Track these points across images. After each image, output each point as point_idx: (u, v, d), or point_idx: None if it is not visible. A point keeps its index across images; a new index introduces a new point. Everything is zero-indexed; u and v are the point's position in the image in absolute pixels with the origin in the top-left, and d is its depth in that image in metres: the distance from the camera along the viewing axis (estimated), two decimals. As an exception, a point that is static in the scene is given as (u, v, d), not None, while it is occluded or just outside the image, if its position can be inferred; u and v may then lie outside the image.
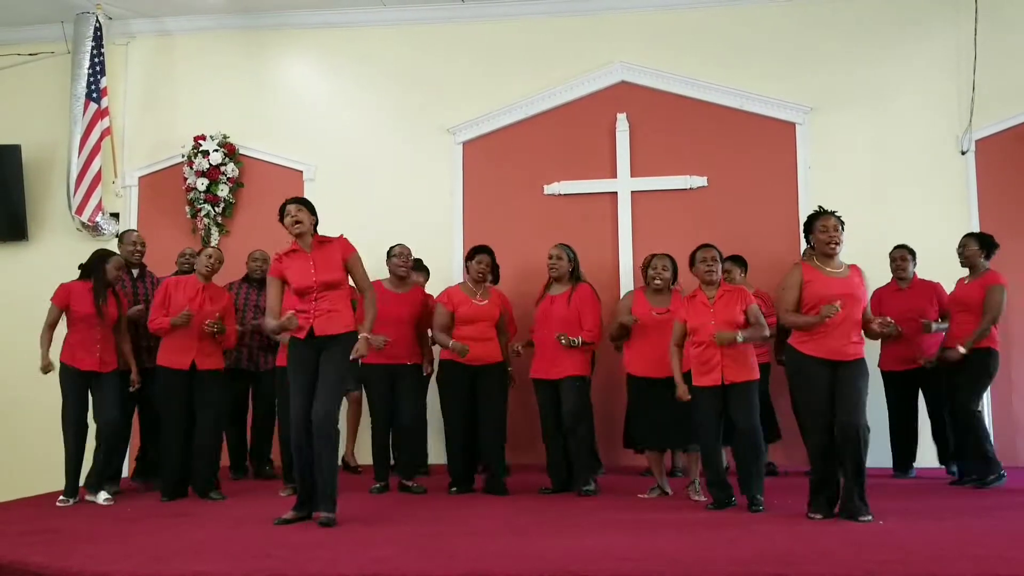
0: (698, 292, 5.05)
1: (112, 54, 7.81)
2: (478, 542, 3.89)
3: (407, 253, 5.94)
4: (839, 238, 4.58)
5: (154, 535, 4.25)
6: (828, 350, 4.45)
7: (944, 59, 7.07)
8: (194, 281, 5.62)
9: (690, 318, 4.98)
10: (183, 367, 5.46)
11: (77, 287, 5.58)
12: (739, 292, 5.01)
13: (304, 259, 4.59)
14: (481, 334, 5.62)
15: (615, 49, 7.41)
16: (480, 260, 5.76)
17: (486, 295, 5.73)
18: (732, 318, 4.88)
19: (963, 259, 5.78)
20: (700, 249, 5.07)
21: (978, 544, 3.70)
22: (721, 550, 3.66)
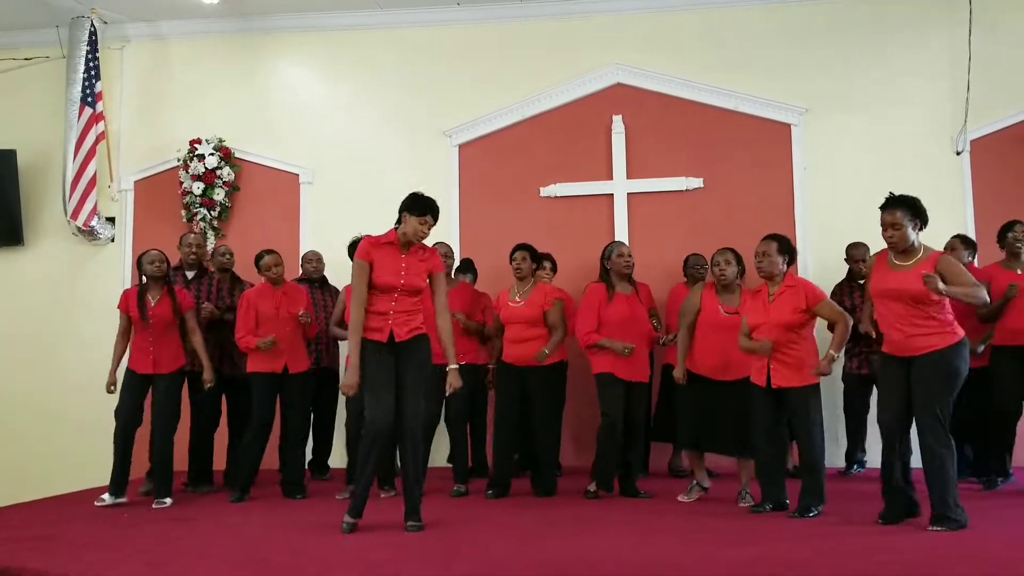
0: (762, 287, 4.84)
1: (107, 58, 7.80)
2: (483, 547, 3.88)
3: (445, 251, 5.96)
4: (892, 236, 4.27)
5: (152, 540, 4.24)
6: (895, 346, 4.25)
7: (938, 60, 7.09)
8: (269, 288, 5.72)
9: (750, 316, 4.79)
10: (276, 371, 5.59)
11: (130, 291, 5.65)
12: (802, 287, 4.72)
13: (396, 257, 4.45)
14: (519, 335, 5.57)
15: (611, 51, 7.41)
16: (516, 257, 5.72)
17: (527, 295, 5.66)
18: (788, 320, 4.63)
19: (1016, 245, 5.59)
20: (760, 243, 4.84)
21: (979, 546, 3.70)
22: (724, 552, 3.66)
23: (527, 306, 5.61)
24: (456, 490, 5.62)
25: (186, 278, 6.10)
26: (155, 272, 5.52)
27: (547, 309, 5.58)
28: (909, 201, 4.29)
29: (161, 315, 5.49)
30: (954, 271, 4.18)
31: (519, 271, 5.70)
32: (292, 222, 7.52)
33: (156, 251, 5.63)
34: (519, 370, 5.57)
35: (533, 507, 5.13)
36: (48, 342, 7.58)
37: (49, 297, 7.62)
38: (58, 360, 7.57)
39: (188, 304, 5.64)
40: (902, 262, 4.26)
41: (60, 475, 6.55)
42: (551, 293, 5.69)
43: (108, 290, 7.21)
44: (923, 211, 4.30)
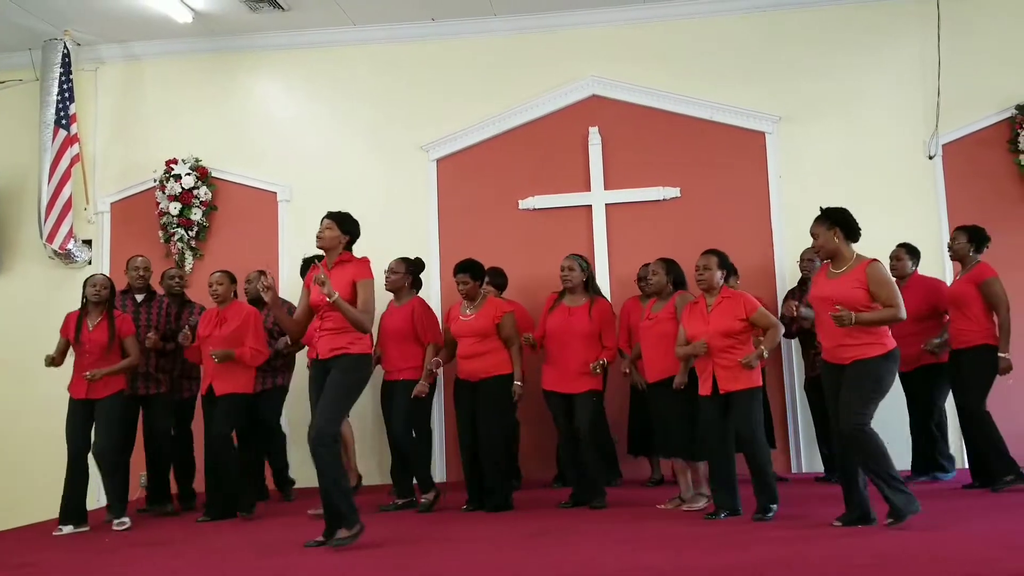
0: (699, 299, 5.02)
1: (81, 80, 7.77)
2: (466, 560, 3.87)
3: (392, 267, 5.91)
4: (815, 244, 4.51)
5: (131, 565, 4.21)
6: (828, 353, 4.43)
7: (909, 66, 7.17)
8: (212, 309, 5.74)
9: (688, 325, 4.96)
10: (206, 392, 5.62)
11: (71, 314, 5.62)
12: (737, 299, 4.91)
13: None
14: (470, 350, 5.58)
15: (586, 64, 7.46)
16: (457, 280, 5.71)
17: (476, 309, 5.67)
18: (728, 327, 4.80)
19: (952, 253, 5.77)
20: (700, 256, 5.03)
21: (956, 547, 3.72)
22: (703, 559, 3.66)
23: (477, 318, 5.62)
24: (393, 504, 5.70)
25: (135, 301, 6.05)
26: (93, 297, 5.51)
27: (498, 321, 5.59)
28: (833, 213, 4.47)
29: (97, 340, 5.46)
30: (880, 281, 4.32)
31: (462, 291, 5.68)
32: (271, 240, 7.49)
33: (101, 275, 5.67)
34: (472, 385, 5.58)
35: (516, 520, 5.12)
36: (25, 366, 7.49)
37: (26, 321, 7.54)
38: (34, 384, 7.47)
39: (128, 330, 5.60)
40: (836, 269, 4.44)
41: (37, 501, 6.45)
42: (502, 306, 5.72)
43: (85, 313, 7.16)
44: (849, 222, 4.45)
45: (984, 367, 5.47)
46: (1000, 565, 3.31)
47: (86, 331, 5.48)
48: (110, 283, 5.62)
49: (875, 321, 4.25)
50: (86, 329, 5.49)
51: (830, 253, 4.44)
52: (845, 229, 4.43)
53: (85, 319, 5.51)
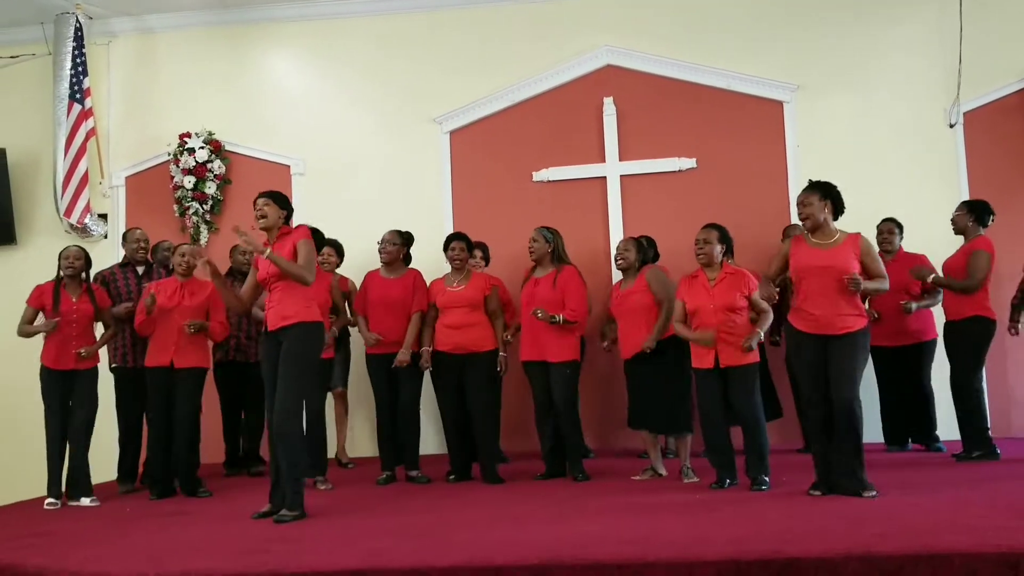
0: (699, 273, 5.01)
1: (94, 54, 7.76)
2: (474, 531, 3.88)
3: (388, 238, 5.88)
4: (804, 212, 4.54)
5: (150, 534, 4.24)
6: (816, 324, 4.44)
7: (930, 33, 7.06)
8: (173, 280, 5.65)
9: (689, 299, 4.96)
10: (163, 365, 5.49)
11: (44, 286, 5.59)
12: (741, 276, 4.92)
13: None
14: (459, 321, 5.60)
15: (600, 33, 7.38)
16: (453, 247, 5.76)
17: (464, 281, 5.69)
18: (731, 302, 4.82)
19: (954, 227, 5.81)
20: (700, 230, 5.05)
21: (974, 516, 3.70)
22: (718, 530, 3.66)
23: (468, 289, 5.66)
24: (420, 477, 5.69)
25: (136, 273, 6.04)
26: (68, 270, 5.49)
27: (488, 293, 5.67)
28: (827, 187, 4.55)
29: (84, 311, 5.49)
30: (871, 254, 4.53)
31: (457, 260, 5.72)
32: (284, 214, 7.48)
33: (75, 247, 5.62)
34: (458, 358, 5.59)
35: (524, 492, 5.14)
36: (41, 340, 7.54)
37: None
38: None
39: (105, 301, 5.67)
40: (820, 240, 4.51)
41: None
42: (489, 280, 5.80)
43: (102, 287, 7.18)
44: (839, 199, 4.55)
45: (975, 338, 5.57)
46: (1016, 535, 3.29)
47: (68, 302, 5.47)
48: (84, 253, 5.60)
49: (874, 290, 4.50)
50: (68, 300, 5.48)
51: (816, 224, 4.52)
52: (836, 204, 4.54)
53: (63, 291, 5.50)
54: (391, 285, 5.79)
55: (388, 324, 5.69)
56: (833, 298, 4.39)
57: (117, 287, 5.94)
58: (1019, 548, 3.08)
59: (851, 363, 4.37)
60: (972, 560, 3.06)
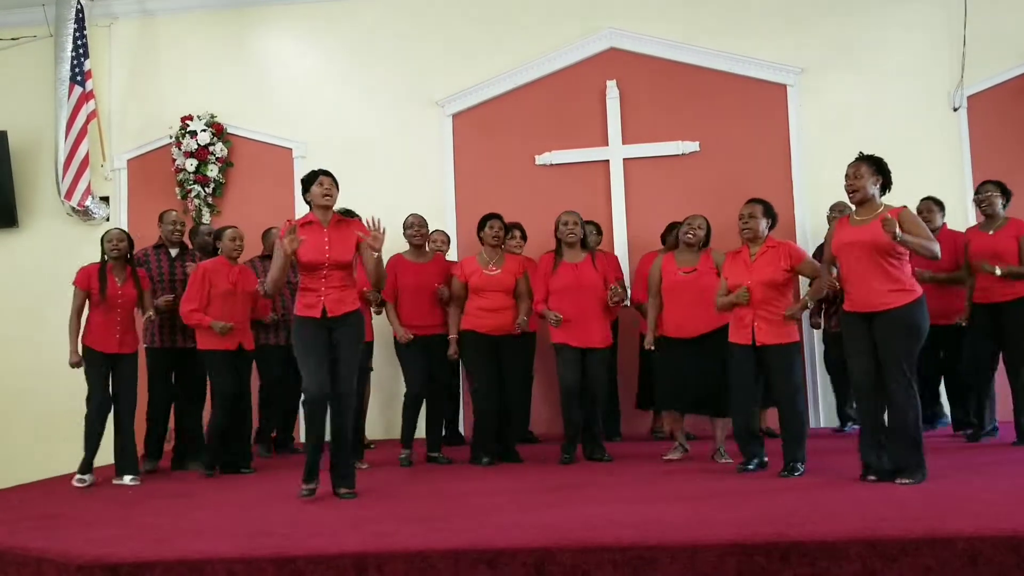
0: (743, 248, 4.90)
1: (95, 36, 7.73)
2: (481, 515, 3.89)
3: (418, 222, 5.86)
4: (854, 184, 4.37)
5: (155, 517, 4.25)
6: (856, 302, 4.31)
7: (934, 16, 7.02)
8: (226, 264, 5.63)
9: (730, 275, 4.87)
10: (231, 348, 5.53)
11: (90, 268, 5.56)
12: (784, 248, 4.79)
13: (319, 234, 4.49)
14: (494, 304, 5.58)
15: (604, 15, 7.34)
16: (492, 225, 5.71)
17: (500, 263, 5.66)
18: (771, 277, 4.70)
19: (985, 206, 5.59)
20: (744, 205, 4.92)
21: (978, 500, 3.70)
22: (722, 513, 3.66)
23: (504, 274, 5.62)
24: (429, 456, 5.70)
25: (170, 256, 6.03)
26: (113, 252, 5.49)
27: (520, 276, 5.64)
28: (875, 159, 4.41)
29: (129, 296, 5.50)
30: (915, 222, 4.28)
31: (496, 239, 5.69)
32: (287, 197, 7.46)
33: (117, 230, 5.62)
34: (494, 340, 5.57)
35: (528, 475, 5.14)
36: (45, 323, 7.56)
37: (45, 278, 7.58)
38: (55, 341, 7.53)
39: (146, 284, 5.65)
40: (862, 217, 4.36)
41: (56, 456, 6.54)
42: (523, 263, 5.76)
43: (104, 270, 7.18)
44: (887, 172, 4.40)
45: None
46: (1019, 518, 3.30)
47: (114, 286, 5.47)
48: (127, 236, 5.61)
49: (918, 245, 4.17)
50: (113, 284, 5.48)
51: (864, 197, 4.35)
52: (886, 181, 4.40)
53: (110, 275, 5.50)
54: (421, 270, 5.76)
55: (425, 308, 5.69)
56: (870, 273, 4.23)
57: (149, 269, 5.89)
58: (1022, 532, 3.08)
59: (894, 341, 4.19)
60: (974, 543, 3.06)
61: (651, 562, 3.13)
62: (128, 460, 5.49)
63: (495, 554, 3.21)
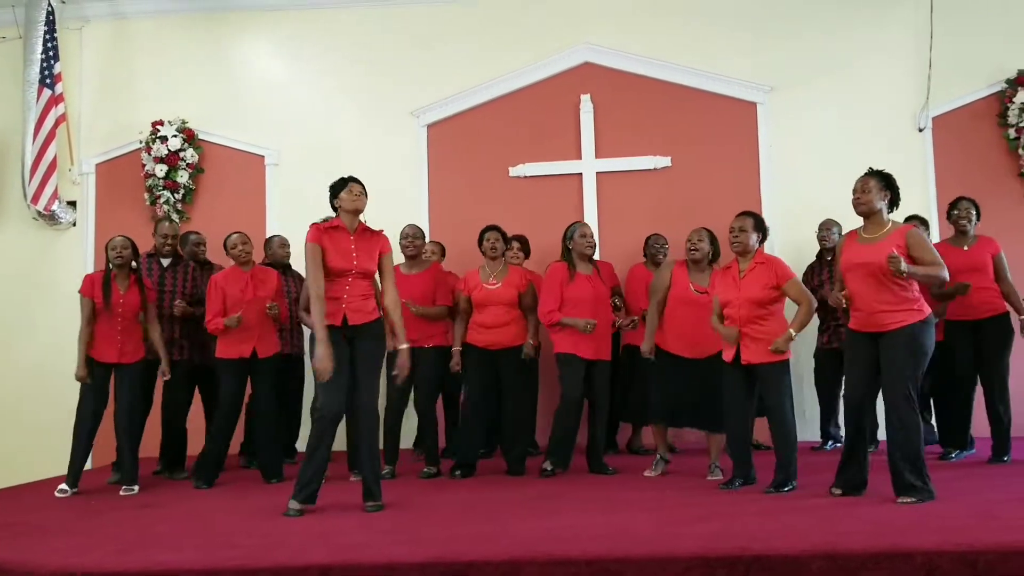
0: (733, 264, 4.85)
1: (66, 39, 7.65)
2: (451, 527, 3.89)
3: (411, 233, 5.86)
4: (861, 199, 4.32)
5: (120, 527, 4.21)
6: (862, 322, 4.28)
7: (902, 39, 7.15)
8: (238, 271, 5.62)
9: (721, 293, 4.81)
10: (244, 355, 5.52)
11: (94, 275, 5.53)
12: (771, 264, 4.73)
13: (346, 240, 4.41)
14: (495, 319, 5.56)
15: (579, 30, 7.40)
16: (488, 237, 5.71)
17: (502, 276, 5.65)
18: (758, 295, 4.65)
19: (963, 222, 5.67)
20: (735, 218, 4.86)
21: (939, 516, 3.76)
22: (689, 527, 3.70)
23: (504, 287, 5.60)
24: (426, 471, 5.60)
25: (162, 266, 6.00)
26: (116, 260, 5.42)
27: (523, 291, 5.59)
28: (884, 175, 4.37)
29: (131, 304, 5.43)
30: (922, 246, 4.25)
31: (494, 251, 5.68)
32: (258, 204, 7.45)
33: (120, 238, 5.51)
34: (492, 354, 5.57)
35: (500, 486, 5.16)
36: (8, 329, 7.46)
37: (10, 283, 7.50)
38: (19, 347, 7.45)
39: (152, 295, 5.60)
40: (870, 235, 4.33)
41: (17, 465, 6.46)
42: (525, 275, 5.72)
43: (70, 275, 7.10)
44: (895, 188, 4.36)
45: (1010, 333, 5.53)
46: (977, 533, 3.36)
47: (117, 295, 5.41)
48: (131, 243, 5.52)
49: (923, 275, 4.17)
50: (116, 293, 5.42)
51: (869, 211, 4.31)
52: (894, 197, 4.36)
53: (113, 283, 5.44)
54: (412, 280, 5.75)
55: (409, 321, 5.59)
56: (877, 293, 4.19)
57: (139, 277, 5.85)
58: (978, 547, 3.15)
59: (898, 360, 4.14)
60: (932, 558, 3.12)
61: (617, 575, 3.16)
62: (124, 471, 5.42)
63: (463, 567, 3.22)
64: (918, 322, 4.18)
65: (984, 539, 3.24)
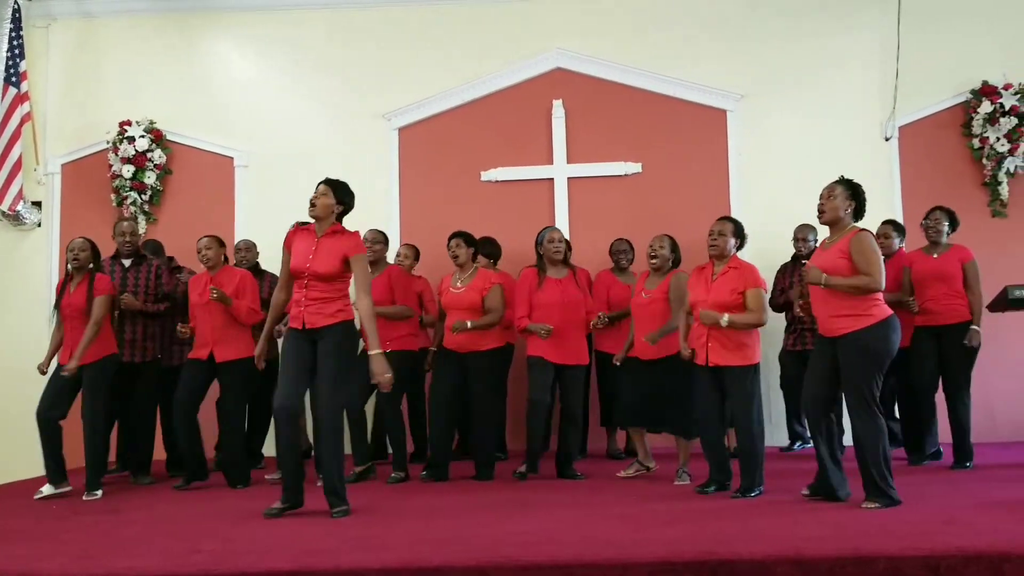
0: (708, 265, 4.91)
1: (32, 37, 7.55)
2: (418, 532, 3.88)
3: (371, 238, 5.85)
4: (826, 205, 4.36)
5: (83, 532, 4.15)
6: (820, 326, 4.36)
7: (869, 49, 7.25)
8: (204, 275, 5.60)
9: (692, 293, 4.87)
10: (201, 358, 5.48)
11: (59, 283, 5.52)
12: (744, 271, 4.77)
13: (310, 241, 4.41)
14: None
15: (551, 36, 7.42)
16: (448, 244, 5.72)
17: (468, 280, 5.63)
18: (725, 300, 4.69)
19: (932, 232, 5.78)
20: (716, 222, 4.91)
21: (902, 521, 3.81)
22: (655, 531, 3.71)
23: (467, 291, 5.59)
24: (393, 477, 5.58)
25: (123, 267, 5.92)
26: (73, 263, 5.37)
27: (485, 294, 5.58)
28: (851, 184, 4.40)
29: (76, 304, 5.34)
30: (861, 251, 4.22)
31: (456, 258, 5.69)
32: (227, 206, 7.39)
33: (80, 240, 5.45)
34: (459, 356, 5.57)
35: (470, 490, 5.15)
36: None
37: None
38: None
39: (103, 289, 5.39)
40: (831, 240, 4.41)
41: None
42: (492, 278, 5.69)
43: (35, 276, 7.03)
44: (862, 197, 4.39)
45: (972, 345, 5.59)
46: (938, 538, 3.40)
47: (67, 296, 5.37)
48: (89, 245, 5.43)
49: (846, 286, 4.19)
50: (67, 294, 5.37)
51: (833, 218, 4.35)
52: (859, 206, 4.38)
53: (68, 285, 5.40)
54: (373, 284, 5.73)
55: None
56: (825, 299, 4.26)
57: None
58: (940, 552, 3.19)
59: (852, 365, 4.20)
60: (895, 563, 3.15)
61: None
62: (89, 475, 5.32)
63: (431, 572, 3.21)
64: (869, 327, 4.18)
65: (946, 544, 3.28)
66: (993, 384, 6.65)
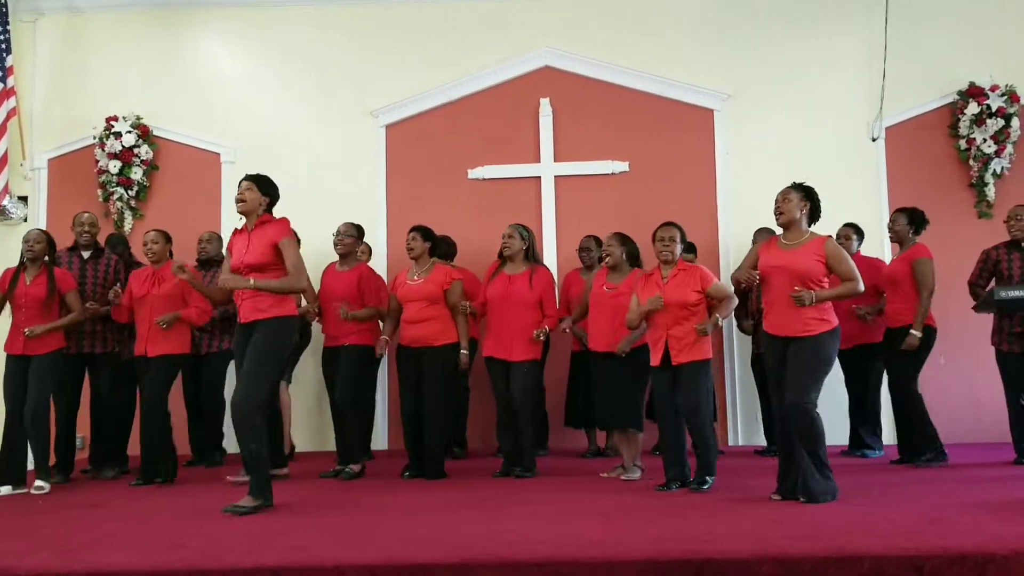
0: (655, 270, 5.00)
1: (19, 32, 7.51)
2: (400, 529, 3.87)
3: (343, 231, 5.85)
4: (782, 208, 4.48)
5: (64, 527, 4.12)
6: (776, 325, 4.43)
7: (857, 49, 7.28)
8: (148, 269, 5.59)
9: (642, 296, 4.93)
10: (141, 354, 5.48)
11: (8, 269, 5.47)
12: (695, 271, 4.91)
13: (244, 238, 4.48)
14: (416, 315, 5.54)
15: (539, 34, 7.43)
16: (408, 239, 5.69)
17: (424, 274, 5.61)
18: (683, 298, 4.80)
19: (892, 234, 5.89)
20: (659, 228, 4.99)
21: (885, 521, 3.82)
22: (639, 530, 3.71)
23: (425, 283, 5.56)
24: (347, 471, 5.58)
25: (82, 258, 5.88)
26: (28, 253, 5.36)
27: (447, 288, 5.56)
28: (805, 188, 4.54)
29: (34, 295, 5.33)
30: (838, 257, 4.40)
31: (411, 251, 5.66)
32: (213, 202, 7.37)
33: (36, 231, 5.50)
34: (416, 352, 5.55)
35: (451, 488, 5.14)
36: None
37: None
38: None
39: (69, 285, 5.46)
40: (789, 242, 4.48)
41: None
42: (451, 273, 5.68)
43: (20, 272, 6.93)
44: (816, 201, 4.51)
45: (920, 347, 5.60)
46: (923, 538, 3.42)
47: (22, 286, 5.35)
48: (45, 237, 5.46)
49: (834, 297, 4.35)
50: (23, 284, 5.35)
51: (789, 222, 4.47)
52: (814, 208, 4.51)
53: (22, 274, 5.37)
54: (338, 277, 5.76)
55: (331, 319, 5.68)
56: (790, 299, 4.31)
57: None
58: (924, 551, 3.20)
59: (803, 366, 4.28)
60: (880, 562, 3.16)
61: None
62: (37, 467, 5.31)
63: (412, 569, 3.20)
64: (825, 332, 4.33)
65: (930, 544, 3.28)
66: (979, 385, 6.68)
